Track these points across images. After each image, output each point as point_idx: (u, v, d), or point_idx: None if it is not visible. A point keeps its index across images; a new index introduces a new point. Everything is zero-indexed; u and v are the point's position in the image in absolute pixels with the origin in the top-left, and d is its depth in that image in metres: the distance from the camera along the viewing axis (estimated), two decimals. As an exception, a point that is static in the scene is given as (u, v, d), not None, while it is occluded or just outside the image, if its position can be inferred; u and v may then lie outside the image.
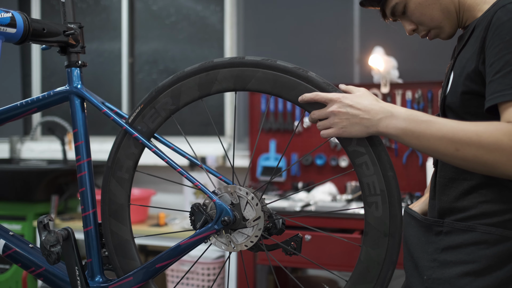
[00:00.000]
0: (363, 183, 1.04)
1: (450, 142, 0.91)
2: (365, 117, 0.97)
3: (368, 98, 0.99)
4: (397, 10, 1.12)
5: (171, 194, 3.14)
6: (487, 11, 1.00)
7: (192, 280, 2.55)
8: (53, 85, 3.59)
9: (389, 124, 0.96)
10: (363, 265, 1.05)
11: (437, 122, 0.94)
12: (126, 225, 1.18)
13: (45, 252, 1.13)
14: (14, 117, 1.26)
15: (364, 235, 1.05)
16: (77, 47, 1.22)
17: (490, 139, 0.88)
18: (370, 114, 0.97)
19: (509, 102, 0.90)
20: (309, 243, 2.11)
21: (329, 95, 1.00)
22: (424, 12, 1.08)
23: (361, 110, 0.97)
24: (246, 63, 1.07)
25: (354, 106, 0.97)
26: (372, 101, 0.98)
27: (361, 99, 0.98)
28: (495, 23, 0.94)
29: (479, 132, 0.90)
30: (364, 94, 1.00)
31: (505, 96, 0.90)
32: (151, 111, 1.14)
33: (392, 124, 0.96)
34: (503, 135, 0.88)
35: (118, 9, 3.43)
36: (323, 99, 1.00)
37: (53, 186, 2.85)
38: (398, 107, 0.98)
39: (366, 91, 1.01)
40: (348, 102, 0.98)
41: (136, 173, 1.18)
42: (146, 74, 3.42)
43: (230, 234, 1.09)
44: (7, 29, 1.09)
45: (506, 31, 0.92)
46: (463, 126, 0.92)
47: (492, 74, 0.93)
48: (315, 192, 2.56)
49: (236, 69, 1.08)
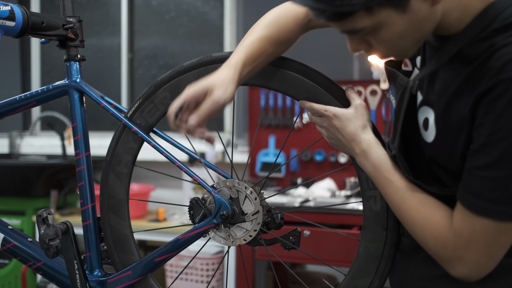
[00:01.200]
0: (361, 177, 1.04)
1: (395, 210, 0.92)
2: (346, 145, 0.97)
3: (355, 123, 0.96)
4: (359, 32, 0.81)
5: (171, 189, 3.14)
6: (480, 41, 0.79)
7: (191, 275, 2.56)
8: (52, 80, 3.58)
9: (361, 162, 0.96)
10: (362, 259, 1.05)
11: (392, 185, 0.91)
12: (125, 219, 1.18)
13: (44, 246, 1.13)
14: (13, 111, 1.26)
15: (363, 229, 1.05)
16: (76, 41, 1.21)
17: (419, 233, 0.87)
18: (350, 144, 0.96)
19: (474, 215, 0.78)
20: (308, 239, 2.12)
21: (322, 110, 0.99)
22: (398, 43, 0.82)
23: (344, 137, 0.97)
24: None
25: (340, 132, 0.97)
26: (357, 129, 0.95)
27: (348, 125, 0.96)
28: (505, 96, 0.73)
29: (416, 219, 0.87)
30: (353, 117, 0.96)
31: (477, 208, 0.78)
32: (149, 105, 1.14)
33: (363, 164, 0.95)
34: (431, 237, 0.85)
35: (117, 4, 3.42)
36: (317, 113, 1.00)
37: (53, 181, 2.85)
38: (375, 147, 0.94)
39: (358, 110, 0.97)
40: (336, 124, 0.97)
41: (135, 168, 1.18)
42: (145, 69, 3.41)
43: (229, 228, 1.09)
44: (6, 22, 1.09)
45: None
46: (408, 203, 0.88)
47: (480, 166, 0.76)
48: (314, 188, 2.56)
49: None
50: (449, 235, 0.83)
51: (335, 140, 0.99)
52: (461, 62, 0.81)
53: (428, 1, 0.77)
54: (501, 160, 0.73)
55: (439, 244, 0.85)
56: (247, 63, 0.99)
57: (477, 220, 0.78)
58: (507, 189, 0.74)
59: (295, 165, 2.80)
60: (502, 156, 0.73)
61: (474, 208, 0.78)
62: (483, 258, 0.81)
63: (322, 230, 2.10)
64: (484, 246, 0.80)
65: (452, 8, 0.81)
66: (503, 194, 0.75)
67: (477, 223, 0.78)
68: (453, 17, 0.81)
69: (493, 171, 0.74)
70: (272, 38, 1.02)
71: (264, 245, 1.11)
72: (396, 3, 0.75)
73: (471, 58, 0.79)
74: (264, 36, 1.01)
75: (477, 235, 0.79)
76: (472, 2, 0.80)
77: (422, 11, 0.77)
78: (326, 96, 1.04)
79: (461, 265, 0.83)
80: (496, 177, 0.74)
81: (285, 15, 1.04)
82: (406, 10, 0.76)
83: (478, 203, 0.77)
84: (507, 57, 0.73)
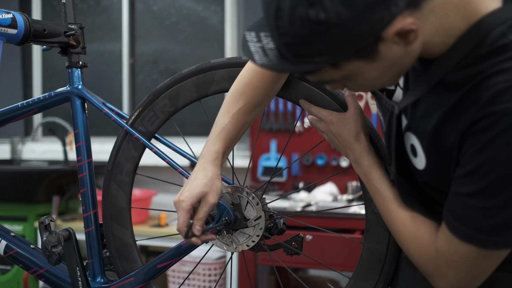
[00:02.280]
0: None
1: (384, 220, 0.93)
2: (342, 150, 0.98)
3: (350, 130, 0.95)
4: (330, 82, 0.80)
5: (172, 194, 3.12)
6: (466, 67, 0.75)
7: (193, 280, 2.55)
8: (54, 86, 3.59)
9: (356, 169, 0.97)
10: (365, 261, 1.05)
11: (381, 195, 0.91)
12: (127, 228, 1.18)
13: (46, 253, 1.13)
14: (15, 118, 1.26)
15: (366, 231, 1.05)
16: (77, 48, 1.22)
17: (404, 245, 0.88)
18: (345, 150, 0.97)
19: (457, 239, 0.77)
20: (310, 243, 2.11)
21: (319, 114, 0.99)
22: (374, 84, 0.80)
23: (340, 142, 0.97)
24: (243, 63, 1.07)
25: (336, 136, 0.97)
26: (351, 136, 0.95)
27: (343, 132, 0.96)
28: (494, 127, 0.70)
29: (401, 231, 0.88)
30: (348, 123, 0.96)
31: (460, 233, 0.76)
32: (149, 113, 1.14)
33: (357, 171, 0.97)
34: (414, 251, 0.85)
35: (118, 10, 3.43)
36: (316, 116, 1.00)
37: (54, 187, 2.85)
38: (366, 155, 0.94)
39: (354, 116, 0.96)
40: (332, 129, 0.97)
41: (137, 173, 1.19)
42: (146, 74, 3.42)
43: (231, 234, 1.09)
44: (8, 30, 1.10)
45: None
46: (395, 215, 0.89)
47: (465, 193, 0.74)
48: (316, 192, 2.56)
49: (233, 69, 1.09)
50: (431, 252, 0.83)
51: (335, 144, 1.00)
52: (446, 88, 0.77)
53: (401, 43, 0.71)
54: (486, 191, 0.72)
55: (422, 259, 0.85)
56: (228, 147, 1.01)
57: (460, 244, 0.77)
58: (492, 219, 0.72)
59: (297, 169, 2.80)
60: (487, 188, 0.72)
61: (458, 233, 0.77)
62: (465, 278, 0.80)
63: (324, 235, 2.09)
64: (465, 268, 0.79)
65: (433, 34, 0.74)
66: (487, 224, 0.73)
67: (459, 247, 0.77)
68: (436, 42, 0.75)
69: (478, 200, 0.73)
70: (249, 105, 1.00)
71: (267, 250, 1.11)
72: (364, 55, 0.71)
73: (457, 84, 0.75)
74: (240, 108, 0.99)
75: (459, 257, 0.78)
76: (455, 23, 0.74)
77: (395, 54, 0.72)
78: (325, 99, 1.04)
79: (442, 281, 0.83)
80: (481, 207, 0.73)
81: (255, 71, 1.00)
82: (376, 58, 0.72)
83: (462, 228, 0.76)
84: (496, 89, 0.69)
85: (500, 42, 0.71)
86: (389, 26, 0.68)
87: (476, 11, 0.74)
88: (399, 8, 0.68)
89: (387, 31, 0.68)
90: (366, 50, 0.70)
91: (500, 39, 0.71)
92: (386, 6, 0.66)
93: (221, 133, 0.99)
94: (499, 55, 0.71)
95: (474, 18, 0.74)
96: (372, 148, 0.96)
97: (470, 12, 0.74)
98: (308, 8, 0.66)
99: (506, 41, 0.71)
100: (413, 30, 0.70)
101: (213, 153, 0.98)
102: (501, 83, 0.69)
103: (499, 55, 0.71)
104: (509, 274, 0.84)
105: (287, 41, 0.70)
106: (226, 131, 0.99)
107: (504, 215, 0.72)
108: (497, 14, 0.73)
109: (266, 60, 0.73)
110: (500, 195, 0.71)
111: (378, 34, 0.68)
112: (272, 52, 0.73)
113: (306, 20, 0.67)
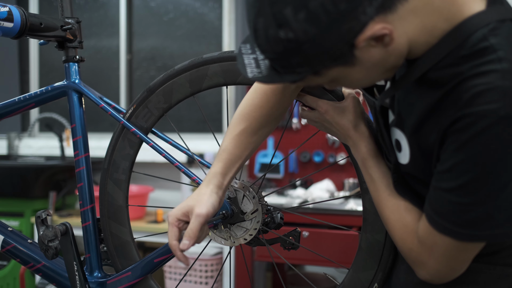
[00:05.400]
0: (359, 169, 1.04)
1: (376, 207, 0.94)
2: (339, 134, 0.98)
3: (348, 116, 0.96)
4: (317, 86, 0.89)
5: (169, 190, 3.13)
6: (448, 66, 0.76)
7: (189, 276, 2.55)
8: (51, 81, 3.55)
9: (354, 153, 0.98)
10: (364, 251, 1.05)
11: (374, 183, 0.93)
12: (125, 226, 1.18)
13: (43, 247, 1.13)
14: (11, 112, 1.26)
15: (363, 221, 1.05)
16: (74, 42, 1.22)
17: (391, 233, 0.90)
18: (344, 135, 0.97)
19: (435, 231, 0.80)
20: (307, 240, 2.12)
21: (314, 103, 0.99)
22: (361, 83, 0.86)
23: (337, 129, 0.98)
24: (236, 57, 1.06)
25: (332, 124, 0.98)
26: (350, 122, 0.96)
27: (342, 118, 0.96)
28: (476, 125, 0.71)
29: (389, 219, 0.90)
30: (347, 109, 0.96)
31: (438, 226, 0.79)
32: (144, 110, 1.14)
33: (355, 156, 0.97)
34: (399, 239, 0.88)
35: (116, 6, 3.42)
36: (311, 106, 1.00)
37: (51, 183, 2.84)
38: (364, 141, 0.95)
39: (352, 103, 0.97)
40: (328, 118, 0.97)
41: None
42: (144, 70, 3.41)
43: (229, 228, 1.09)
44: (4, 23, 1.09)
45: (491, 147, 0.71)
46: (385, 203, 0.91)
47: (444, 188, 0.77)
48: (313, 189, 2.56)
49: (226, 63, 1.08)
50: (414, 240, 0.86)
51: (332, 132, 1.00)
52: (428, 86, 0.79)
53: (378, 46, 0.73)
54: (463, 188, 0.74)
55: (405, 246, 0.87)
56: (230, 167, 0.98)
57: (438, 236, 0.80)
58: (468, 214, 0.75)
59: (294, 166, 2.80)
60: (464, 185, 0.74)
61: (436, 225, 0.80)
62: (444, 269, 0.83)
63: (321, 231, 2.10)
64: (444, 258, 0.82)
65: (416, 34, 0.76)
66: (463, 218, 0.76)
67: (438, 238, 0.80)
68: (421, 41, 0.77)
69: (455, 196, 0.75)
70: (252, 126, 0.99)
71: (265, 244, 1.11)
72: (342, 62, 0.74)
73: (438, 83, 0.77)
74: (242, 129, 0.99)
75: (438, 248, 0.81)
76: (437, 24, 0.75)
77: (375, 56, 0.74)
78: (321, 90, 1.03)
79: (423, 270, 0.86)
80: (458, 202, 0.76)
81: (258, 92, 1.00)
82: (355, 62, 0.74)
83: (440, 221, 0.79)
84: (474, 90, 0.71)
85: (481, 45, 0.73)
86: (360, 33, 0.70)
87: (459, 13, 0.75)
88: (369, 15, 0.70)
89: (359, 39, 0.71)
90: (343, 57, 0.73)
91: (481, 41, 0.73)
92: (353, 17, 0.69)
93: (221, 154, 0.99)
94: (479, 57, 0.72)
95: (456, 20, 0.75)
96: (371, 135, 0.97)
97: (453, 14, 0.75)
98: (278, 30, 0.70)
99: (486, 44, 0.72)
100: (386, 34, 0.71)
101: (210, 173, 0.98)
102: (480, 85, 0.71)
103: (479, 58, 0.72)
104: (492, 266, 0.88)
105: (268, 57, 0.75)
106: (227, 152, 0.99)
107: (480, 210, 0.75)
108: (480, 17, 0.74)
109: (257, 71, 0.77)
110: (476, 193, 0.74)
111: (351, 42, 0.71)
112: (263, 62, 0.77)
113: (278, 40, 0.71)
